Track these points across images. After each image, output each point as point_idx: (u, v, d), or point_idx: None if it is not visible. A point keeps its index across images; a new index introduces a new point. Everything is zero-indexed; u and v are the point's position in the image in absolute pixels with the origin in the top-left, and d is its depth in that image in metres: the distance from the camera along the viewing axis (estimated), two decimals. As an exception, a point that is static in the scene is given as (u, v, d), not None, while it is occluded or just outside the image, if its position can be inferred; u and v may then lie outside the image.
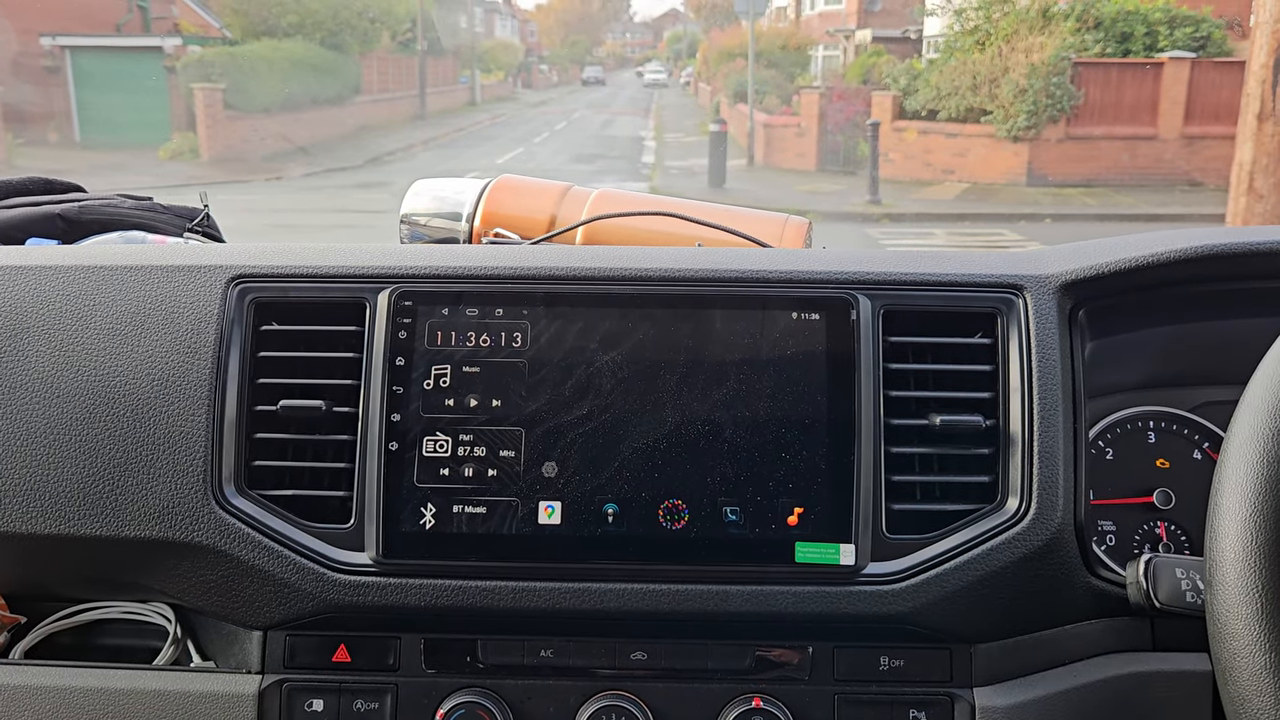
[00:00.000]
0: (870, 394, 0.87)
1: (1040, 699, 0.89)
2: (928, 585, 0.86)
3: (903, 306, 0.91)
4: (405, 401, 0.87)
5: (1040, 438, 0.87)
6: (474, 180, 1.31)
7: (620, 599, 0.86)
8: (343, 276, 0.92)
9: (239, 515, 0.87)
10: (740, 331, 0.89)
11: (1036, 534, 0.86)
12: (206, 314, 0.90)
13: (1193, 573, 0.80)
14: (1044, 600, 0.89)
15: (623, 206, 1.24)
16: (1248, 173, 4.43)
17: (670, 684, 0.89)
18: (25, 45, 15.58)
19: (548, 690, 0.89)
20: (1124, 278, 0.93)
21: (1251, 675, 0.61)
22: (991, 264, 0.94)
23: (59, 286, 0.92)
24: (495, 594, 0.86)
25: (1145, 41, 13.82)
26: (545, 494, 0.86)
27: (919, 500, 0.88)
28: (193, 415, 0.88)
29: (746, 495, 0.86)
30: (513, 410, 0.87)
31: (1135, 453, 1.06)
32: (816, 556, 0.85)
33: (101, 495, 0.87)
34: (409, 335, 0.89)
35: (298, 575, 0.86)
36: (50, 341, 0.90)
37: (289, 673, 0.90)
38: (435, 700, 0.88)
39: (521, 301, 0.89)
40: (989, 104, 13.59)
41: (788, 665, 0.90)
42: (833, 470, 0.86)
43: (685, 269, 0.91)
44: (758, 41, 19.85)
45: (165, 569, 0.89)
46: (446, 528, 0.86)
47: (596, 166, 16.79)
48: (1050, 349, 0.89)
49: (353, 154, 17.04)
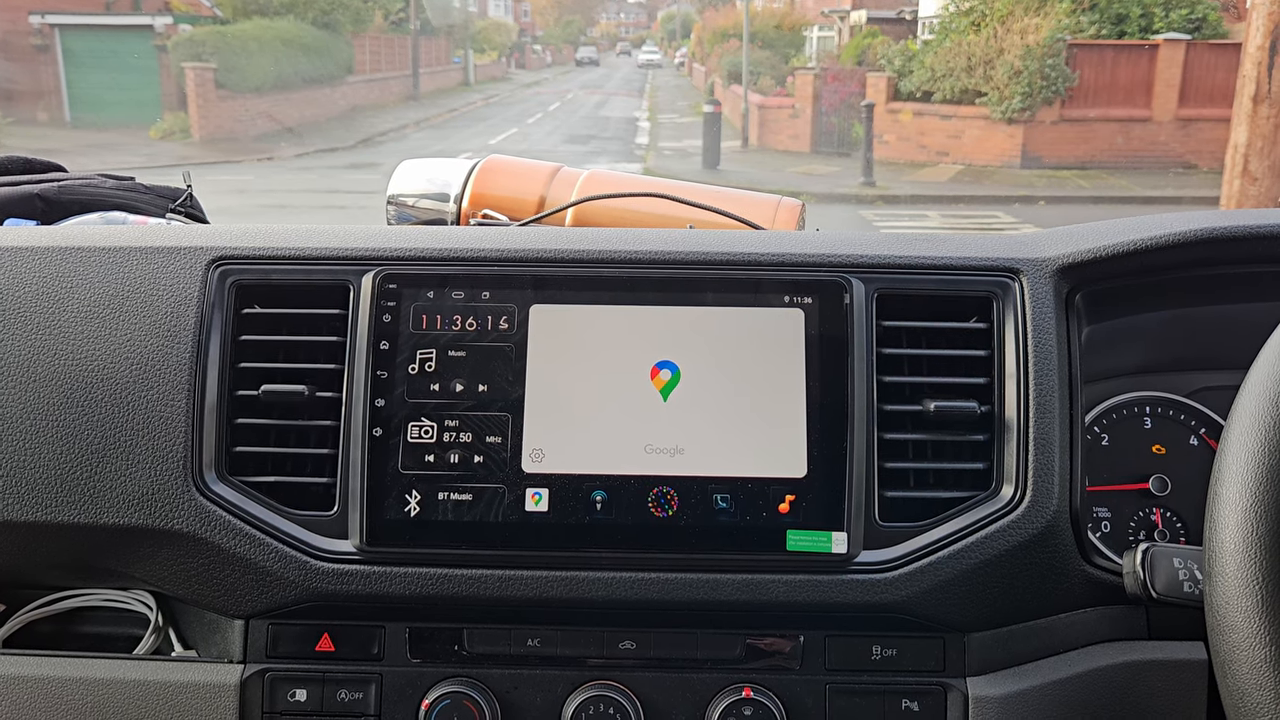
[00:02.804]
0: (863, 379, 0.86)
1: (1034, 688, 0.88)
2: (921, 574, 0.84)
3: (897, 290, 0.90)
4: (390, 386, 0.86)
5: (1036, 424, 0.86)
6: (462, 161, 1.29)
7: (609, 588, 0.84)
8: (326, 258, 0.90)
9: (220, 502, 0.85)
10: (732, 315, 0.87)
11: (1031, 522, 0.85)
12: (186, 296, 0.89)
13: (1190, 563, 0.78)
14: (1038, 589, 0.88)
15: (614, 188, 1.22)
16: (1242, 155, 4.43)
17: (659, 673, 0.88)
18: (14, 23, 15.45)
19: (535, 680, 0.88)
20: (1122, 261, 0.92)
21: (1251, 668, 0.60)
22: (987, 247, 0.93)
23: (35, 268, 0.90)
24: (481, 582, 0.84)
25: (1140, 23, 13.80)
26: (533, 481, 0.85)
27: (912, 487, 0.87)
28: (172, 400, 0.86)
29: (737, 482, 0.84)
30: (500, 395, 0.86)
31: (1131, 439, 1.05)
32: (808, 544, 0.84)
33: (79, 482, 0.86)
34: (393, 318, 0.87)
35: (280, 563, 0.85)
36: (26, 325, 0.88)
37: (271, 662, 0.88)
38: (420, 690, 0.87)
39: (509, 284, 0.88)
40: (984, 86, 13.57)
41: (778, 655, 0.89)
42: (825, 457, 0.85)
43: (676, 251, 0.90)
44: (752, 22, 19.80)
45: (145, 557, 0.88)
46: (432, 515, 0.84)
47: (590, 147, 16.74)
48: (1047, 334, 0.88)
49: (345, 134, 16.96)
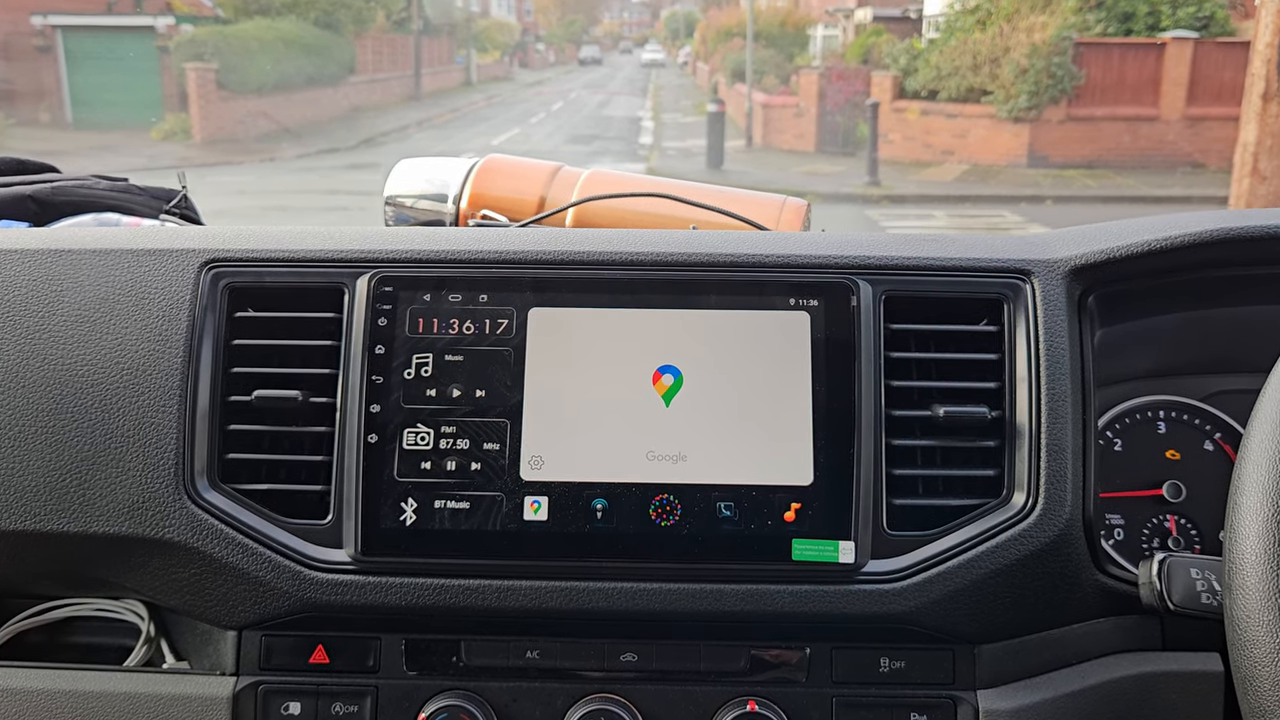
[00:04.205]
0: (870, 384, 0.84)
1: (1046, 701, 0.85)
2: (930, 584, 0.82)
3: (905, 292, 0.88)
4: (385, 391, 0.84)
5: (1048, 429, 0.84)
6: (461, 160, 1.27)
7: (609, 598, 0.82)
8: (320, 261, 0.88)
9: (212, 510, 0.83)
10: (736, 318, 0.85)
11: (1044, 530, 0.83)
12: (178, 300, 0.87)
13: (1209, 573, 0.76)
14: (1050, 599, 0.86)
15: (615, 187, 1.20)
16: (1252, 154, 4.40)
17: (661, 686, 0.86)
18: (16, 24, 15.46)
19: (534, 693, 0.86)
20: (1136, 262, 0.90)
21: (1275, 684, 0.58)
22: (997, 248, 0.91)
23: (24, 271, 0.89)
24: (479, 593, 0.82)
25: (1148, 21, 13.76)
26: (531, 489, 0.83)
27: (921, 495, 0.85)
28: (164, 406, 0.84)
29: (741, 490, 0.82)
30: (498, 401, 0.84)
31: (1145, 444, 1.03)
32: (814, 554, 0.82)
33: (69, 489, 0.84)
34: (389, 322, 0.85)
35: (273, 573, 0.83)
36: (15, 329, 0.87)
37: (265, 674, 0.86)
38: (417, 703, 0.85)
39: (508, 286, 0.86)
40: (990, 84, 13.53)
41: (784, 667, 0.86)
42: (831, 464, 0.83)
43: (679, 253, 0.88)
44: (756, 21, 19.78)
45: (136, 566, 0.86)
46: (429, 524, 0.82)
47: (593, 148, 16.73)
48: (1059, 337, 0.86)
49: (346, 135, 16.96)
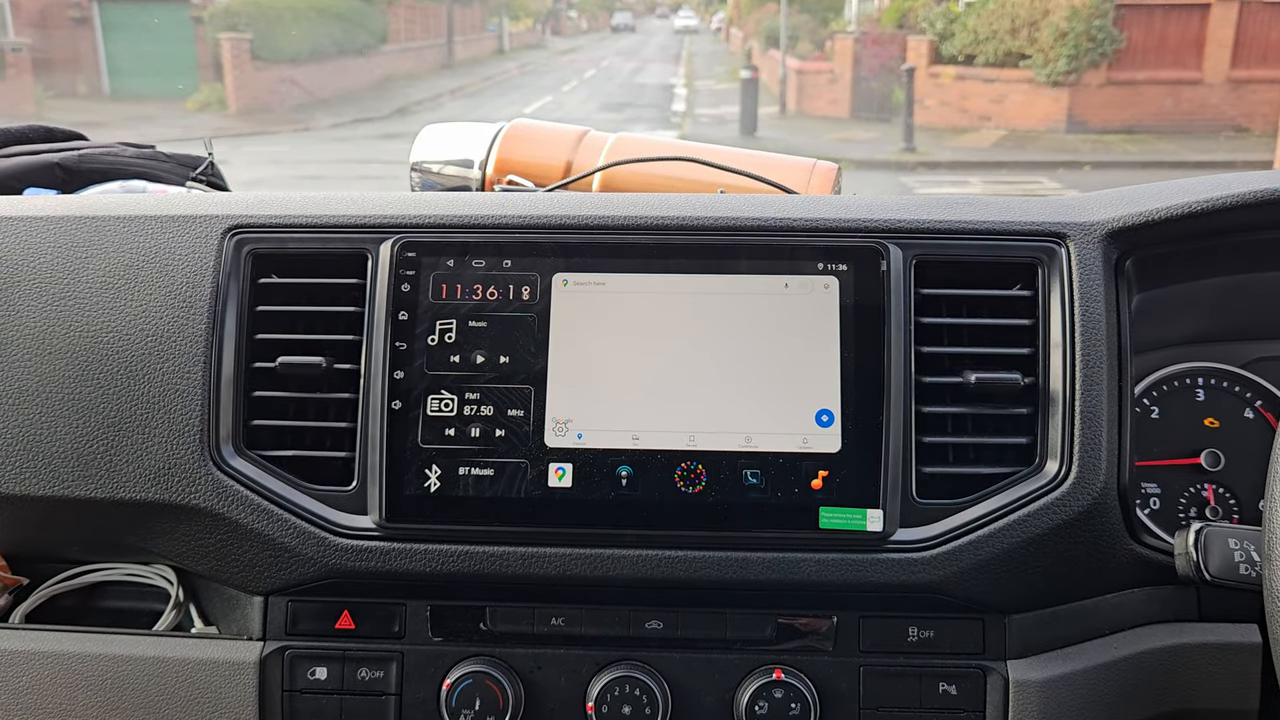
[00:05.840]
0: (901, 350, 0.82)
1: (1078, 672, 0.84)
2: (960, 553, 0.81)
3: (936, 256, 0.86)
4: (409, 358, 0.83)
5: (1083, 396, 0.82)
6: (487, 126, 1.25)
7: (634, 566, 0.82)
8: (343, 226, 0.88)
9: (237, 477, 0.83)
10: (764, 283, 0.84)
11: (1077, 499, 0.81)
12: (202, 266, 0.87)
13: (1247, 544, 0.74)
14: (1083, 569, 0.84)
15: (642, 152, 1.19)
16: (1299, 116, 4.28)
17: (687, 654, 0.86)
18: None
19: (559, 660, 0.86)
20: (1175, 225, 0.87)
21: None
22: (1031, 211, 0.88)
23: (51, 238, 0.89)
24: (503, 560, 0.82)
25: (1192, -19, 13.37)
26: (555, 455, 0.82)
27: (952, 463, 0.84)
28: (188, 372, 0.84)
29: (768, 457, 0.81)
30: (522, 367, 0.83)
31: (1182, 411, 1.00)
32: (842, 522, 0.81)
33: (95, 456, 0.84)
34: (412, 288, 0.84)
35: (298, 539, 0.83)
36: (42, 295, 0.87)
37: (291, 640, 0.87)
38: (442, 669, 0.85)
39: (532, 252, 0.85)
40: (1028, 48, 13.24)
41: (811, 636, 0.86)
42: (860, 431, 0.81)
43: (706, 217, 0.86)
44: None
45: (162, 532, 0.86)
46: (452, 490, 0.82)
47: (625, 115, 16.62)
48: (1095, 302, 0.84)
49: (380, 104, 16.95)
